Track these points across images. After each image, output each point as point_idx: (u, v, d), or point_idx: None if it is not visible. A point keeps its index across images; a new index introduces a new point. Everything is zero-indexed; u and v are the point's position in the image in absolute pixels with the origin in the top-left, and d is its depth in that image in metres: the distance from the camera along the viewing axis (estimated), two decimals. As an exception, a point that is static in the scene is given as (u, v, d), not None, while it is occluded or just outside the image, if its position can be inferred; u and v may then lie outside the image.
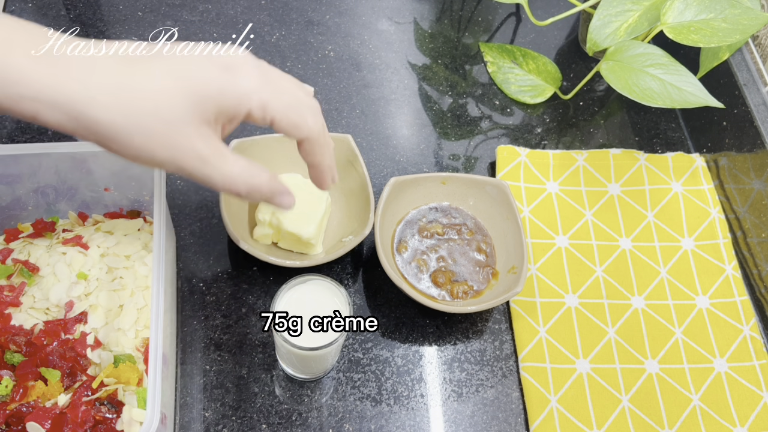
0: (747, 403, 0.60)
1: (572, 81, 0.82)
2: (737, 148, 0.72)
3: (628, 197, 0.72)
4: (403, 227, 0.66)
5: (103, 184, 0.58)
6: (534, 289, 0.65)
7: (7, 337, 0.52)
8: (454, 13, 0.86)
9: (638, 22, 0.68)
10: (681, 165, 0.74)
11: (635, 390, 0.60)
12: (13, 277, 0.55)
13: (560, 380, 0.60)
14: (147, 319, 0.54)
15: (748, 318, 0.65)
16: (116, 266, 0.56)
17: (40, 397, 0.50)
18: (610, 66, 0.66)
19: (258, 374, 0.58)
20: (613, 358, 0.62)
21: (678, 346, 0.63)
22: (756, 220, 0.68)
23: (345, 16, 0.84)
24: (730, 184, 0.72)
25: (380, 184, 0.70)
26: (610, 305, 0.65)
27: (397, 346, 0.61)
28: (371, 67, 0.80)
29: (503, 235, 0.65)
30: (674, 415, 0.59)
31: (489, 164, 0.74)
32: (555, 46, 0.85)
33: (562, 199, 0.71)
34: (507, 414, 0.59)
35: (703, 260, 0.68)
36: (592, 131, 0.78)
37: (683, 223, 0.71)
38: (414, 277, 0.63)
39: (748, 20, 0.64)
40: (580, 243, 0.68)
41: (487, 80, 0.80)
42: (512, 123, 0.77)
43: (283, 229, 0.60)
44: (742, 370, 0.62)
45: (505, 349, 0.62)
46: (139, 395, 0.51)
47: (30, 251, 0.57)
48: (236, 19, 0.81)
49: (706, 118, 0.77)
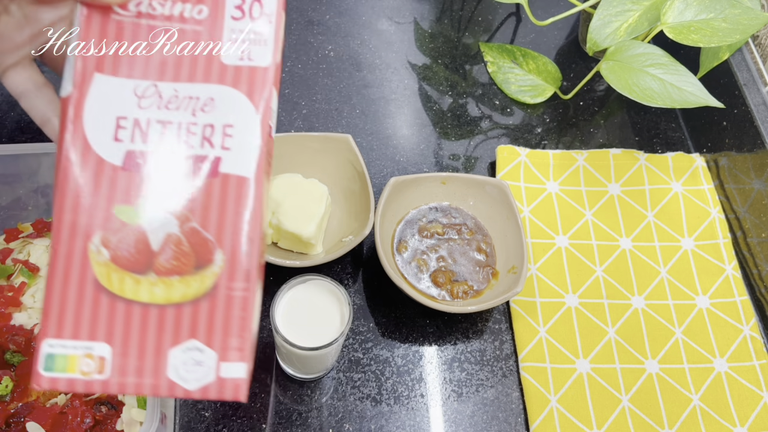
0: (747, 403, 0.60)
1: (572, 81, 0.82)
2: (737, 148, 0.72)
3: (628, 197, 0.72)
4: (403, 227, 0.66)
5: (103, 184, 0.58)
6: (534, 289, 0.65)
7: (7, 337, 0.52)
8: (454, 13, 0.86)
9: (638, 22, 0.68)
10: (681, 165, 0.74)
11: (635, 390, 0.60)
12: (13, 277, 0.55)
13: (560, 380, 0.60)
14: (147, 319, 0.54)
15: (748, 318, 0.65)
16: (116, 266, 0.56)
17: (40, 397, 0.50)
18: (610, 66, 0.66)
19: (258, 374, 0.58)
20: (613, 358, 0.62)
21: (678, 346, 0.63)
22: (756, 220, 0.68)
23: (345, 16, 0.84)
24: (730, 184, 0.72)
25: (380, 184, 0.70)
26: (610, 305, 0.65)
27: (397, 346, 0.61)
28: (371, 67, 0.80)
29: (503, 235, 0.65)
30: (674, 415, 0.59)
31: (489, 164, 0.74)
32: (555, 46, 0.85)
33: (562, 199, 0.71)
34: (507, 414, 0.59)
35: (703, 260, 0.68)
36: (592, 131, 0.78)
37: (683, 223, 0.71)
38: (414, 277, 0.63)
39: (748, 20, 0.64)
40: (580, 243, 0.68)
41: (487, 80, 0.80)
42: (512, 123, 0.77)
43: (283, 228, 0.60)
44: (742, 370, 0.62)
45: (505, 349, 0.62)
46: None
47: (30, 251, 0.57)
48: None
49: (706, 118, 0.77)
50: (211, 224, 0.34)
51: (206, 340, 0.33)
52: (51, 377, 0.32)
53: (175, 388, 0.33)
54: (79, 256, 0.33)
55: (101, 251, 0.33)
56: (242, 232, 0.34)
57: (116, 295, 0.33)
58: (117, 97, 0.34)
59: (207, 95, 0.34)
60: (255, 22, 0.35)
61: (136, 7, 0.34)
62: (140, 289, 0.33)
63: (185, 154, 0.34)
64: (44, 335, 0.32)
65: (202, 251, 0.33)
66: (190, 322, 0.33)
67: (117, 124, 0.34)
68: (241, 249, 0.34)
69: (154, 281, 0.33)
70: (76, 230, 0.33)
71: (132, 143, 0.34)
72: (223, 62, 0.35)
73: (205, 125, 0.34)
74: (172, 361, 0.33)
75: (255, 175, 0.34)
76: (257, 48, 0.35)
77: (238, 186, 0.34)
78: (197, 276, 0.33)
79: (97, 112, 0.34)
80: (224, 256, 0.33)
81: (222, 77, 0.35)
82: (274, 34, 0.35)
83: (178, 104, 0.34)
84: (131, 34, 0.34)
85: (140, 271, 0.33)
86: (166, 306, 0.33)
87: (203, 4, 0.35)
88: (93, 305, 0.32)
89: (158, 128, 0.34)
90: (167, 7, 0.34)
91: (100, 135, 0.33)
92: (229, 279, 0.33)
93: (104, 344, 0.32)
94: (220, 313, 0.33)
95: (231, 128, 0.34)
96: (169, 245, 0.33)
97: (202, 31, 0.35)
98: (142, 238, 0.33)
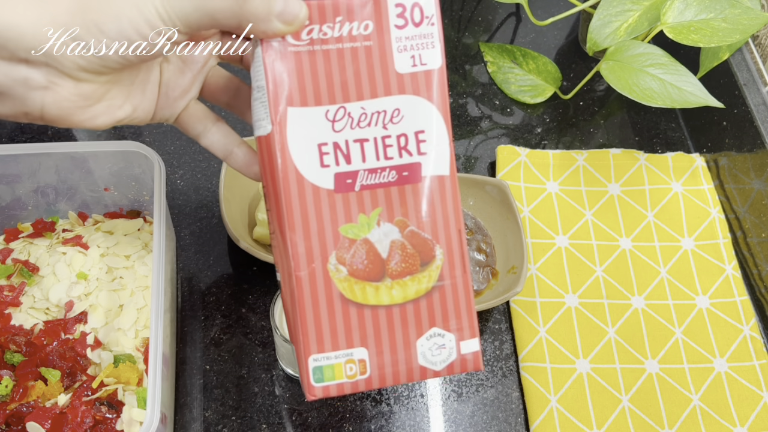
0: (747, 403, 0.60)
1: (572, 81, 0.82)
2: (737, 148, 0.72)
3: (628, 197, 0.72)
4: (403, 227, 0.66)
5: (103, 184, 0.58)
6: (534, 289, 0.65)
7: (7, 337, 0.52)
8: (454, 13, 0.86)
9: (638, 22, 0.68)
10: (681, 165, 0.74)
11: (635, 390, 0.60)
12: (13, 277, 0.55)
13: (560, 380, 0.60)
14: (147, 319, 0.54)
15: (748, 318, 0.65)
16: (116, 266, 0.56)
17: (40, 397, 0.50)
18: (610, 66, 0.66)
19: (258, 374, 0.58)
20: (613, 358, 0.62)
21: (678, 346, 0.63)
22: (756, 220, 0.68)
23: (345, 16, 0.84)
24: (730, 184, 0.72)
25: (380, 184, 0.70)
26: (610, 305, 0.65)
27: (397, 346, 0.61)
28: (371, 67, 0.79)
29: (503, 235, 0.65)
30: (674, 415, 0.59)
31: (489, 164, 0.74)
32: (555, 46, 0.85)
33: (562, 199, 0.71)
34: (507, 414, 0.59)
35: (703, 260, 0.68)
36: (592, 131, 0.78)
37: (683, 223, 0.71)
38: (414, 277, 0.63)
39: (748, 20, 0.64)
40: (580, 243, 0.68)
41: (487, 80, 0.80)
42: (512, 123, 0.77)
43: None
44: (742, 370, 0.62)
45: (505, 349, 0.62)
46: (139, 395, 0.51)
47: (30, 251, 0.57)
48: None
49: (706, 118, 0.77)
50: (426, 224, 0.37)
51: (444, 325, 0.38)
52: (322, 386, 0.36)
53: (426, 372, 0.37)
54: (322, 278, 0.36)
55: (339, 269, 0.36)
56: (452, 226, 0.37)
57: (362, 304, 0.37)
58: (313, 126, 0.35)
59: (393, 107, 0.36)
60: (419, 27, 0.36)
61: (308, 35, 0.35)
62: (381, 294, 0.37)
63: (388, 165, 0.37)
64: (309, 352, 0.36)
65: (425, 250, 0.37)
66: (427, 313, 0.37)
67: (320, 150, 0.36)
68: (453, 241, 0.38)
69: (390, 285, 0.37)
70: (312, 255, 0.36)
71: (338, 166, 0.36)
72: (399, 72, 0.36)
73: (399, 135, 0.36)
74: (420, 350, 0.37)
75: (450, 171, 0.37)
76: (426, 52, 0.36)
77: (440, 185, 0.37)
78: (425, 272, 0.37)
79: (300, 144, 0.35)
80: (442, 250, 0.37)
81: (401, 87, 0.36)
82: (438, 35, 0.36)
83: (368, 121, 0.36)
84: (310, 62, 0.35)
85: (377, 278, 0.37)
86: (405, 304, 0.37)
87: (368, 20, 0.35)
88: (344, 317, 0.36)
89: (357, 147, 0.36)
90: (336, 29, 0.35)
91: (309, 164, 0.36)
92: (450, 269, 0.38)
93: (362, 348, 0.37)
94: (449, 300, 0.38)
95: (423, 134, 0.37)
96: (395, 251, 0.37)
97: (372, 46, 0.36)
98: (372, 250, 0.37)
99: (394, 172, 0.37)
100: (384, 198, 0.37)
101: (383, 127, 0.36)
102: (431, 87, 0.37)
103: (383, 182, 0.37)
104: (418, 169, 0.37)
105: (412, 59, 0.36)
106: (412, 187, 0.37)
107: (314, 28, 0.35)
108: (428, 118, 0.37)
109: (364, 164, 0.36)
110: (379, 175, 0.36)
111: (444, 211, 0.37)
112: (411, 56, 0.36)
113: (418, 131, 0.37)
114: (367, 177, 0.36)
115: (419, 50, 0.36)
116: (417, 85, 0.36)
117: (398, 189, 0.37)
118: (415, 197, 0.37)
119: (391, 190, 0.37)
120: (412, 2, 0.36)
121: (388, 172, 0.36)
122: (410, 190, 0.37)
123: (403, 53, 0.36)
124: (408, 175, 0.37)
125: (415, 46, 0.36)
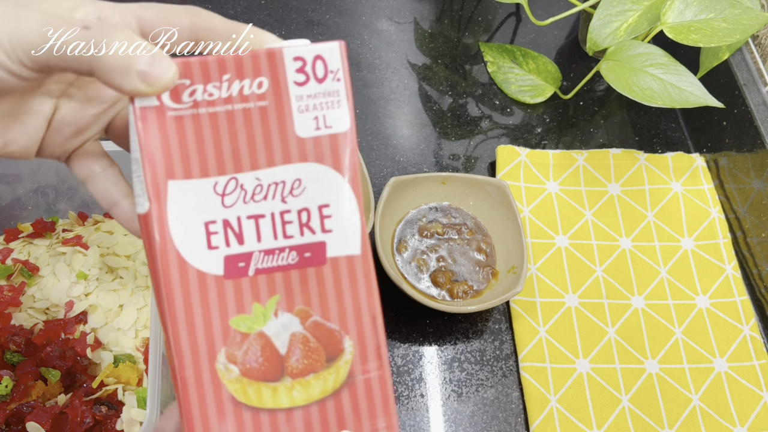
0: (747, 403, 0.60)
1: (572, 81, 0.82)
2: (737, 148, 0.72)
3: (628, 197, 0.72)
4: (403, 227, 0.66)
5: (103, 184, 0.58)
6: (534, 289, 0.65)
7: (7, 337, 0.52)
8: (454, 13, 0.86)
9: (638, 21, 0.68)
10: (681, 165, 0.74)
11: (635, 390, 0.60)
12: (13, 277, 0.55)
13: (560, 380, 0.60)
14: (147, 319, 0.54)
15: (748, 318, 0.65)
16: (116, 266, 0.56)
17: (40, 397, 0.50)
18: (610, 66, 0.66)
19: (258, 374, 0.58)
20: (613, 358, 0.62)
21: (678, 346, 0.63)
22: (756, 220, 0.68)
23: (345, 16, 0.84)
24: (730, 184, 0.72)
25: (380, 184, 0.70)
26: (610, 305, 0.65)
27: (396, 346, 0.61)
28: (371, 67, 0.80)
29: (503, 235, 0.65)
30: (674, 415, 0.59)
31: (489, 164, 0.74)
32: (555, 46, 0.85)
33: (562, 199, 0.71)
34: (507, 414, 0.59)
35: (703, 260, 0.68)
36: (592, 131, 0.78)
37: (683, 223, 0.71)
38: (414, 276, 0.63)
39: (748, 20, 0.64)
40: (580, 243, 0.68)
41: (487, 80, 0.80)
42: (512, 123, 0.77)
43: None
44: (742, 370, 0.62)
45: (505, 349, 0.62)
46: (139, 395, 0.51)
47: (30, 251, 0.57)
48: (236, 19, 0.81)
49: (706, 118, 0.77)
50: (332, 313, 0.32)
51: (356, 428, 0.32)
52: None
53: None
54: (209, 379, 0.31)
55: (230, 368, 0.31)
56: (364, 313, 0.32)
57: (257, 408, 0.32)
58: (198, 201, 0.31)
59: (293, 177, 0.31)
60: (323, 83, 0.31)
61: (191, 97, 0.30)
62: (279, 396, 0.32)
63: (287, 245, 0.32)
64: None
65: (331, 343, 0.32)
66: (335, 415, 0.32)
67: (207, 230, 0.31)
68: (366, 331, 0.32)
69: (291, 385, 0.32)
70: (198, 352, 0.31)
71: (228, 247, 0.31)
72: (299, 136, 0.31)
73: (300, 210, 0.32)
74: None
75: (361, 249, 0.32)
76: (332, 112, 0.31)
77: (348, 266, 0.32)
78: (332, 369, 0.32)
79: (183, 223, 0.30)
80: (352, 341, 0.32)
81: (303, 154, 0.31)
82: (345, 92, 0.32)
83: (264, 194, 0.31)
84: (194, 127, 0.31)
85: (274, 378, 0.32)
86: (309, 405, 0.32)
87: (262, 77, 0.30)
88: (237, 423, 0.31)
89: (251, 225, 0.31)
90: (224, 89, 0.30)
91: (193, 247, 0.31)
92: (363, 362, 0.33)
93: None
94: (362, 398, 0.32)
95: (327, 208, 0.32)
96: (296, 345, 0.32)
97: (268, 106, 0.31)
98: (268, 345, 0.32)
99: (294, 253, 0.31)
100: (283, 283, 0.32)
101: (282, 200, 0.31)
102: (337, 153, 0.31)
103: (282, 265, 0.31)
104: (322, 249, 0.32)
105: (315, 121, 0.31)
106: (316, 270, 0.32)
107: (197, 88, 0.30)
108: (334, 189, 0.32)
109: (259, 244, 0.31)
110: (276, 257, 0.31)
111: (354, 297, 0.32)
112: (314, 117, 0.31)
113: (322, 205, 0.31)
114: (263, 259, 0.31)
115: (323, 110, 0.31)
116: (321, 151, 0.31)
117: (299, 273, 0.32)
118: (319, 282, 0.32)
119: (291, 274, 0.32)
120: (314, 55, 0.31)
121: (288, 253, 0.31)
122: (313, 273, 0.32)
123: (305, 114, 0.31)
124: (311, 257, 0.32)
125: (319, 106, 0.31)
